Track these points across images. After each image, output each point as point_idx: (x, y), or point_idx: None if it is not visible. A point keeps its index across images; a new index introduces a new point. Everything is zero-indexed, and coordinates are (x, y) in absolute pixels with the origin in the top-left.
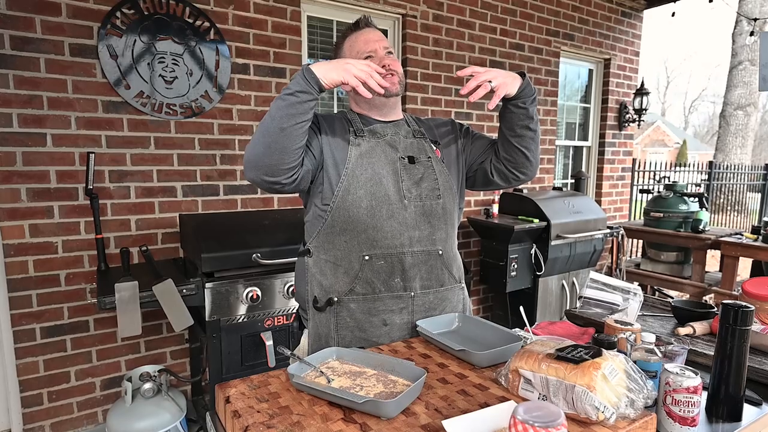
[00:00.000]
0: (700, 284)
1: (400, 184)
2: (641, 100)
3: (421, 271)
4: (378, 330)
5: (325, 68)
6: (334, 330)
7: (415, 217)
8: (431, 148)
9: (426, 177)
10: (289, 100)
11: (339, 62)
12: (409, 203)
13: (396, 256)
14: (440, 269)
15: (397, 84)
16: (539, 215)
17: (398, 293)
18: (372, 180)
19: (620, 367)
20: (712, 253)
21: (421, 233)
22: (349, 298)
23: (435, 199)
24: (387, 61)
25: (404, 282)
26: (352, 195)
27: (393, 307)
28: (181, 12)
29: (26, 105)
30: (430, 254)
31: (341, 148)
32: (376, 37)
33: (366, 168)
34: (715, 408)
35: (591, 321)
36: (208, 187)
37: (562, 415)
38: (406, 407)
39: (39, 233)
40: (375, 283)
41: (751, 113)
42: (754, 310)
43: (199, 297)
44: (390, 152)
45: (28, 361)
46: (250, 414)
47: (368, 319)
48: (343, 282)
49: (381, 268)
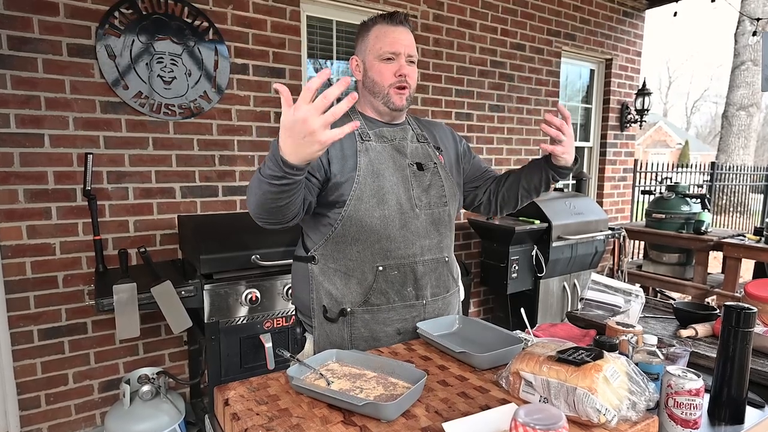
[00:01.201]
0: (702, 286)
1: (411, 192)
2: (643, 101)
3: (431, 279)
4: (392, 339)
5: (290, 147)
6: (348, 340)
7: (426, 225)
8: (435, 154)
9: (434, 184)
10: (268, 188)
11: (296, 135)
12: (420, 212)
13: (409, 266)
14: (447, 275)
15: (405, 100)
16: (540, 216)
17: (411, 302)
18: (384, 188)
19: (622, 370)
20: (715, 254)
21: (431, 242)
22: (363, 309)
23: (442, 206)
24: (405, 70)
25: (416, 291)
26: (364, 204)
27: (406, 315)
28: (179, 12)
29: (24, 105)
30: (439, 262)
31: (350, 156)
32: (406, 41)
33: (377, 176)
34: (718, 410)
35: (592, 323)
36: (206, 188)
37: (564, 418)
38: (407, 410)
39: (36, 234)
40: (389, 293)
41: (753, 114)
42: (757, 311)
43: (198, 299)
44: (398, 158)
45: (25, 364)
46: (249, 416)
47: (383, 329)
48: (356, 293)
49: (395, 278)
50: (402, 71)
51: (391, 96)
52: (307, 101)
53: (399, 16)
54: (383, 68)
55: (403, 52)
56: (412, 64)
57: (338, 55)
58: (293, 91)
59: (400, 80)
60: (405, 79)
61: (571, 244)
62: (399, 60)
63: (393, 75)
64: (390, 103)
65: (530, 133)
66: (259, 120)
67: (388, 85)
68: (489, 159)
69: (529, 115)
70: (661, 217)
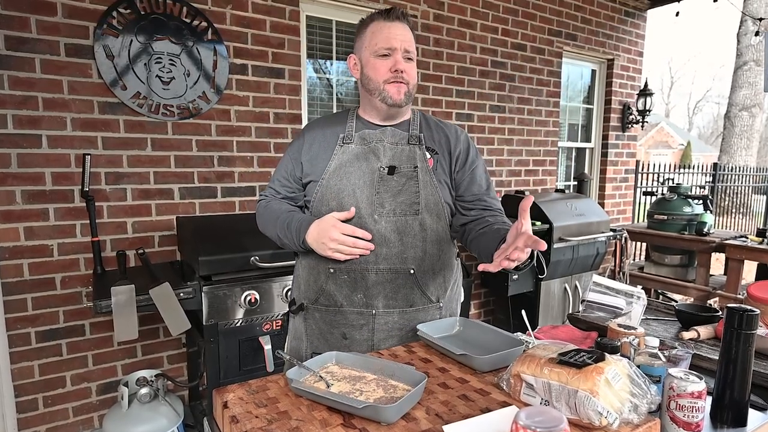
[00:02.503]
0: (704, 288)
1: (374, 197)
2: (645, 101)
3: (385, 290)
4: (338, 342)
5: (312, 238)
6: (304, 334)
7: (386, 233)
8: (423, 156)
9: (405, 190)
10: (281, 241)
11: (320, 237)
12: (380, 218)
13: (359, 272)
14: (410, 288)
15: (403, 95)
16: (541, 218)
17: (359, 309)
18: (344, 192)
19: (623, 372)
20: (717, 256)
21: (390, 251)
22: (315, 306)
23: (412, 214)
24: (401, 66)
25: (366, 299)
26: (324, 205)
27: (354, 322)
28: (178, 12)
29: (21, 106)
30: (398, 273)
31: (322, 159)
32: (402, 36)
33: (341, 179)
34: (720, 413)
35: (594, 325)
36: (205, 189)
37: (565, 421)
38: (407, 412)
39: (34, 236)
40: (337, 296)
41: (756, 114)
42: (759, 313)
43: (197, 300)
44: (372, 161)
45: (23, 366)
46: (248, 419)
47: (329, 330)
48: (312, 289)
49: (344, 282)
50: (397, 66)
51: (387, 90)
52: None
53: (396, 12)
54: (378, 64)
55: (398, 48)
56: (410, 61)
57: (338, 55)
58: (293, 91)
59: (396, 75)
60: (401, 75)
61: (573, 245)
62: (395, 56)
63: (388, 70)
64: (387, 98)
65: (531, 134)
66: (258, 121)
67: (382, 81)
68: (490, 160)
69: (530, 116)
70: (663, 219)
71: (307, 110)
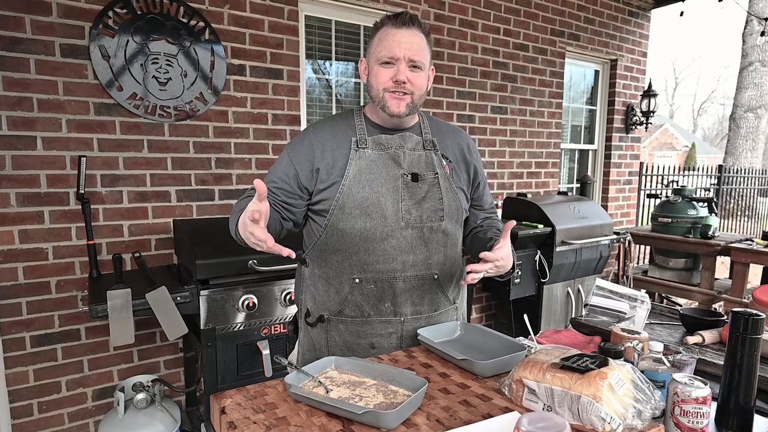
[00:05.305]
0: (709, 292)
1: (400, 204)
2: (649, 102)
3: (413, 296)
4: (366, 352)
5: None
6: (325, 346)
7: (412, 240)
8: (440, 163)
9: (429, 197)
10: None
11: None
12: (407, 226)
13: (387, 281)
14: (434, 293)
15: (404, 107)
16: (544, 220)
17: (388, 318)
18: (369, 199)
19: (627, 377)
20: (722, 259)
21: (416, 257)
22: (338, 318)
23: (437, 221)
24: (402, 76)
25: (394, 307)
26: (346, 214)
27: (382, 331)
28: (175, 11)
29: (16, 107)
30: (424, 279)
31: (340, 162)
32: (408, 45)
33: (364, 185)
34: (725, 419)
35: (597, 329)
36: (203, 191)
37: (568, 426)
38: (407, 418)
39: (29, 239)
40: (364, 306)
41: (761, 115)
42: (765, 318)
43: (194, 305)
44: (392, 168)
45: (17, 371)
46: (246, 425)
47: (356, 341)
48: (334, 301)
49: (371, 292)
50: (398, 77)
51: (386, 101)
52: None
53: (403, 17)
54: (380, 72)
55: (402, 57)
56: (416, 69)
57: (337, 56)
58: (291, 92)
59: (396, 86)
60: (402, 86)
61: (576, 248)
62: (398, 65)
63: (389, 80)
64: (386, 108)
65: (533, 135)
66: (256, 122)
67: (382, 90)
68: (491, 162)
69: (532, 117)
70: (667, 222)
71: (305, 111)
